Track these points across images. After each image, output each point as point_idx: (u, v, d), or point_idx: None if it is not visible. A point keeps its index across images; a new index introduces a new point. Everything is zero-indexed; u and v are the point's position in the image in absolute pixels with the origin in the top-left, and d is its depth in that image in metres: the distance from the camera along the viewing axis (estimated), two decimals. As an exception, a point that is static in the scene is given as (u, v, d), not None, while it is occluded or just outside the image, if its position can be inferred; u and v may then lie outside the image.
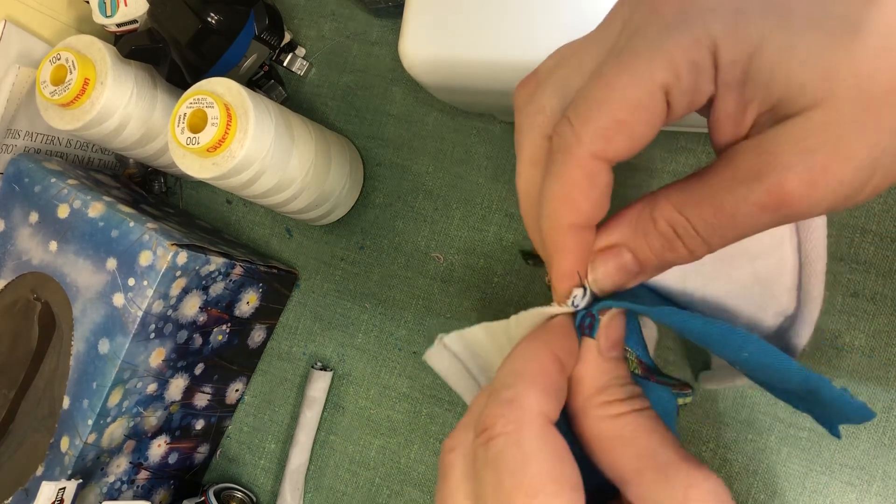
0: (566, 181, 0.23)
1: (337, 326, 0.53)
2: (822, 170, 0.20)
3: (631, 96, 0.21)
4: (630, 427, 0.23)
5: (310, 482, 0.52)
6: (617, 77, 0.22)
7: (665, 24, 0.21)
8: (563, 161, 0.23)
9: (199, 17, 0.47)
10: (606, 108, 0.22)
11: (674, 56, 0.21)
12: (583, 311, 0.25)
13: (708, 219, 0.22)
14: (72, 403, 0.45)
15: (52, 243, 0.47)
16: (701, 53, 0.21)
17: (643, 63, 0.21)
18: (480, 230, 0.50)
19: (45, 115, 0.49)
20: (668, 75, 0.21)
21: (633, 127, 0.22)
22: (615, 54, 0.22)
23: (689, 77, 0.21)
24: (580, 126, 0.22)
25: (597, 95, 0.22)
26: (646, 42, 0.21)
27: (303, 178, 0.48)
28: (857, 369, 0.41)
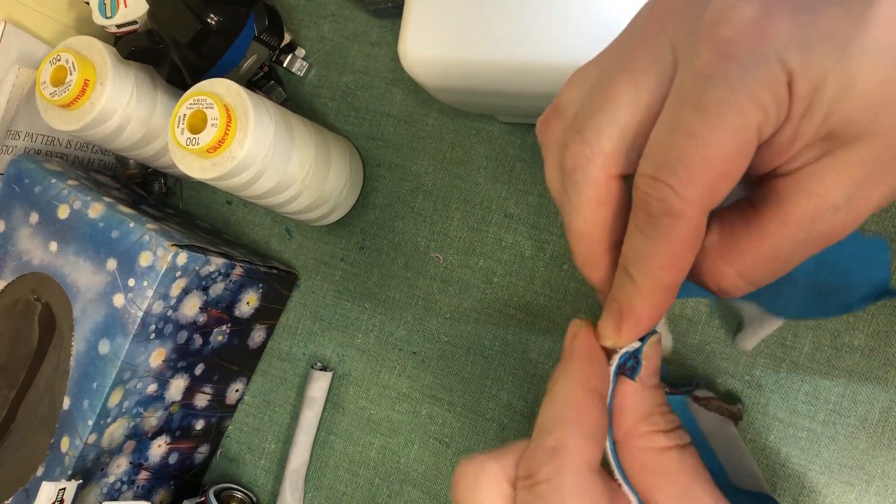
0: (678, 244, 0.22)
1: (337, 326, 0.53)
2: (867, 199, 0.21)
3: (732, 149, 0.21)
4: (673, 465, 0.24)
5: (310, 482, 0.53)
6: (714, 132, 0.21)
7: (741, 65, 0.21)
8: (671, 224, 0.22)
9: (199, 18, 0.47)
10: (709, 166, 0.21)
11: (760, 95, 0.21)
12: (626, 354, 0.25)
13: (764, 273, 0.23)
14: (72, 404, 0.45)
15: (53, 244, 0.47)
16: (782, 88, 0.21)
17: (735, 112, 0.21)
18: (480, 230, 0.50)
19: (46, 116, 0.49)
20: (760, 117, 0.21)
21: (738, 172, 0.22)
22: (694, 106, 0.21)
23: (775, 111, 0.21)
24: (684, 187, 0.22)
25: (694, 154, 0.21)
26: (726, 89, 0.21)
27: (303, 178, 0.48)
28: (856, 369, 0.41)
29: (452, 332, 0.50)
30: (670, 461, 0.24)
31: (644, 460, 0.24)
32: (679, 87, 0.22)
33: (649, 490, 0.24)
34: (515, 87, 0.39)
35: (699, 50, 0.21)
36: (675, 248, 0.23)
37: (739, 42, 0.21)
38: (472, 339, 0.49)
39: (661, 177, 0.22)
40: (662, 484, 0.24)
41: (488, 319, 0.49)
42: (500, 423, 0.48)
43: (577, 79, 0.25)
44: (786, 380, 0.42)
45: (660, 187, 0.22)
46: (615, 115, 0.23)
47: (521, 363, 0.48)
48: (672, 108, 0.22)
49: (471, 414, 0.49)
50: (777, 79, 0.21)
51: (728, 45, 0.21)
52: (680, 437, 0.24)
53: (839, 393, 0.41)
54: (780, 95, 0.21)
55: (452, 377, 0.50)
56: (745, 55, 0.21)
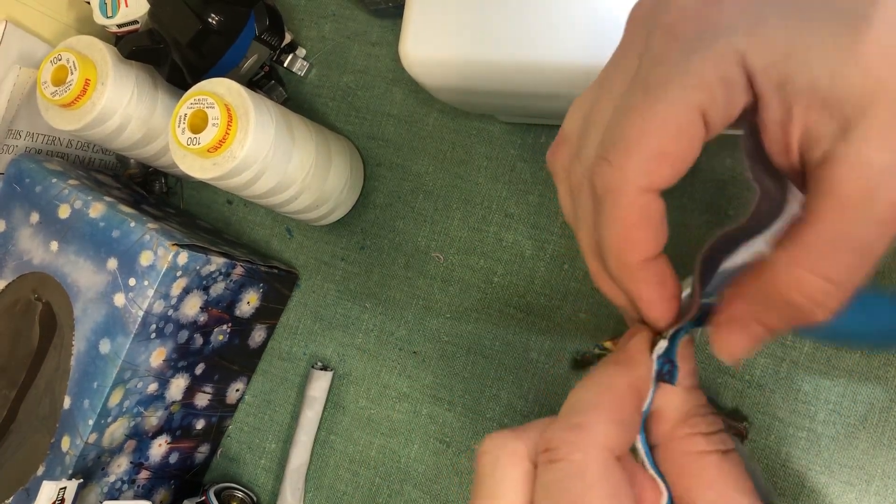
0: (621, 222, 0.23)
1: (337, 326, 0.54)
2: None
3: (670, 124, 0.21)
4: (712, 469, 0.23)
5: (310, 482, 0.53)
6: (651, 107, 0.21)
7: (687, 46, 0.21)
8: (613, 201, 0.22)
9: (200, 18, 0.47)
10: (646, 140, 0.21)
11: (704, 75, 0.21)
12: (662, 358, 0.25)
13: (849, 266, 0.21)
14: (73, 403, 0.46)
15: (53, 243, 0.47)
16: (730, 68, 0.21)
17: (675, 89, 0.21)
18: (480, 230, 0.50)
19: (46, 116, 0.49)
20: (702, 96, 0.21)
21: (676, 154, 0.22)
22: (641, 86, 0.22)
23: (722, 93, 0.21)
24: (621, 162, 0.22)
25: (633, 129, 0.22)
26: (672, 68, 0.21)
27: (303, 178, 0.48)
28: (856, 369, 0.41)
29: (453, 331, 0.50)
30: (710, 466, 0.23)
31: (683, 464, 0.23)
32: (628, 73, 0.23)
33: (686, 493, 0.23)
34: (516, 87, 0.39)
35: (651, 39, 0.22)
36: (621, 225, 0.23)
37: (682, 25, 0.21)
38: (472, 339, 0.49)
39: (602, 154, 0.23)
40: (700, 488, 0.23)
41: (488, 319, 0.49)
42: (501, 423, 0.48)
43: (577, 105, 0.26)
44: (786, 380, 0.42)
45: (599, 164, 0.23)
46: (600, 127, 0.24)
47: (521, 363, 0.48)
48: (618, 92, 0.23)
49: (471, 414, 0.49)
50: (724, 59, 0.21)
51: (673, 30, 0.22)
52: (722, 442, 0.24)
53: (839, 393, 0.41)
54: (729, 76, 0.21)
55: (453, 377, 0.50)
56: (692, 36, 0.21)
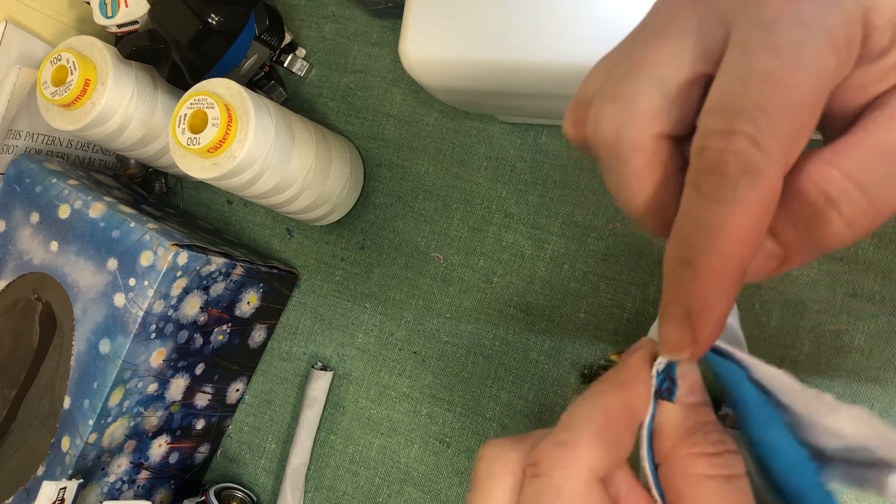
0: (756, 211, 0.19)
1: (337, 326, 0.54)
2: None
3: (813, 93, 0.19)
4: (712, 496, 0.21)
5: (310, 482, 0.53)
6: (792, 75, 0.19)
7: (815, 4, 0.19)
8: (750, 184, 0.19)
9: (200, 18, 0.47)
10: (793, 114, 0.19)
11: (838, 36, 0.19)
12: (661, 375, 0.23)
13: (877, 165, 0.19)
14: (73, 403, 0.46)
15: (53, 243, 0.47)
16: (856, 28, 0.19)
17: (814, 53, 0.19)
18: (480, 230, 0.50)
19: (46, 116, 0.49)
20: (837, 58, 0.19)
21: (812, 126, 0.19)
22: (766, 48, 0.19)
23: (848, 53, 0.19)
24: (768, 141, 0.19)
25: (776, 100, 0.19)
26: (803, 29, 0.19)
27: (303, 178, 0.48)
28: (856, 369, 0.41)
29: (452, 332, 0.50)
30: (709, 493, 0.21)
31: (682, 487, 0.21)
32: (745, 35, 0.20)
33: None
34: (515, 87, 0.39)
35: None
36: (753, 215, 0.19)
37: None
38: (472, 339, 0.49)
39: (739, 127, 0.19)
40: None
41: (488, 319, 0.49)
42: (501, 423, 0.48)
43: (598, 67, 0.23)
44: (786, 380, 0.42)
45: (737, 140, 0.19)
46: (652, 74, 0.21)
47: (521, 363, 0.48)
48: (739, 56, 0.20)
49: (471, 414, 0.49)
50: (852, 18, 0.19)
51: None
52: (727, 465, 0.21)
53: (839, 393, 0.41)
54: (853, 36, 0.19)
55: (452, 377, 0.50)
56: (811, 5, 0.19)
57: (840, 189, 0.19)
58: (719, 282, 0.20)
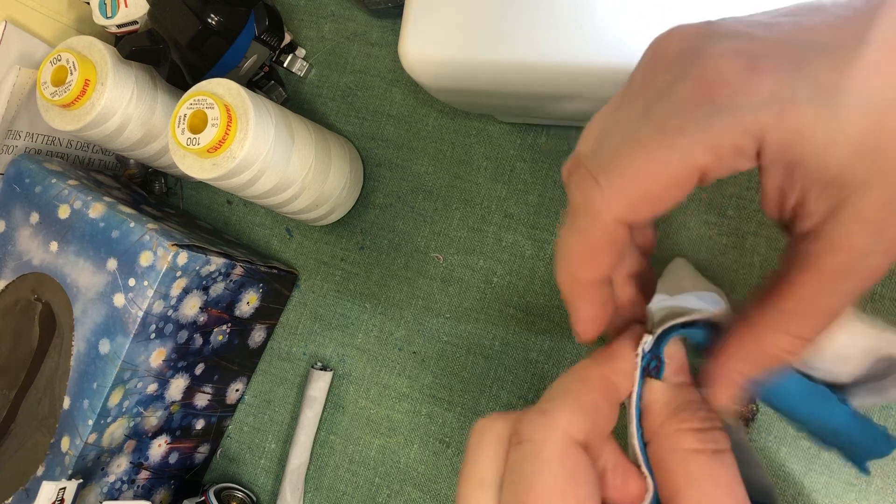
0: (588, 241, 0.23)
1: (337, 326, 0.54)
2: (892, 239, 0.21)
3: (669, 173, 0.22)
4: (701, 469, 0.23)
5: (310, 482, 0.53)
6: (658, 150, 0.22)
7: (715, 107, 0.21)
8: (586, 220, 0.23)
9: (200, 18, 0.47)
10: (641, 179, 0.22)
11: (720, 141, 0.21)
12: (648, 354, 0.26)
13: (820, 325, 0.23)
14: (72, 403, 0.46)
15: (53, 244, 0.47)
16: (746, 140, 0.21)
17: (688, 143, 0.21)
18: (480, 230, 0.50)
19: (46, 116, 0.49)
20: (709, 159, 0.21)
21: (663, 200, 0.22)
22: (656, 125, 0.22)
23: (729, 160, 0.22)
24: (610, 190, 0.23)
25: (633, 164, 0.22)
26: (692, 122, 0.22)
27: (303, 178, 0.48)
28: (856, 369, 0.41)
29: (452, 332, 0.50)
30: (698, 465, 0.23)
31: (670, 461, 0.24)
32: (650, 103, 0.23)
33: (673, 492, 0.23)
34: (515, 87, 0.39)
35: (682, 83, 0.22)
36: (586, 244, 0.23)
37: (721, 87, 0.22)
38: (472, 339, 0.49)
39: (595, 169, 0.23)
40: (686, 488, 0.23)
41: (488, 319, 0.49)
42: (500, 422, 0.48)
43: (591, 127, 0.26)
44: (786, 380, 0.42)
45: (587, 180, 0.23)
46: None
47: (521, 363, 0.48)
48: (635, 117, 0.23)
49: (471, 414, 0.49)
50: (744, 131, 0.21)
51: (709, 88, 0.22)
52: (714, 441, 0.24)
53: (839, 393, 0.41)
54: (742, 148, 0.21)
55: (452, 377, 0.50)
56: (721, 100, 0.21)
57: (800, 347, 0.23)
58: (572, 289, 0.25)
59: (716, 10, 0.33)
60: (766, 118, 0.21)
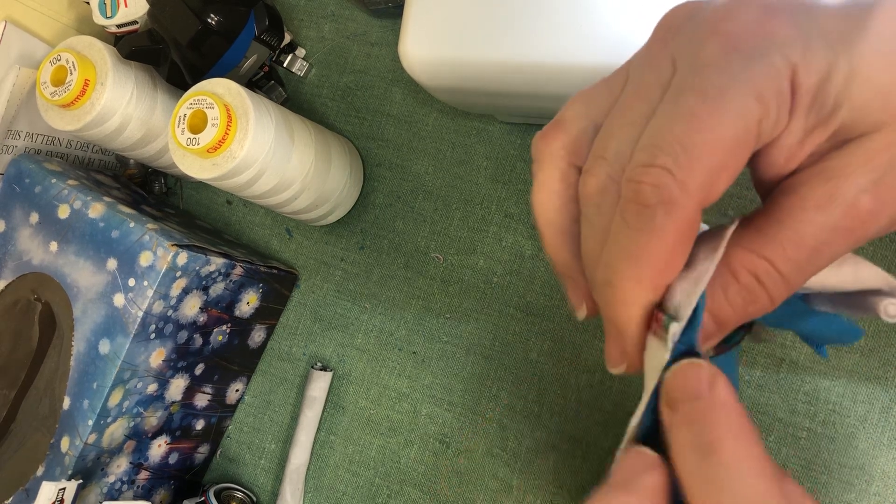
0: (670, 240, 0.21)
1: (337, 326, 0.54)
2: (891, 188, 0.21)
3: (732, 135, 0.20)
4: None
5: (310, 482, 0.53)
6: (712, 116, 0.20)
7: (745, 56, 0.21)
8: (666, 214, 0.21)
9: (199, 18, 0.47)
10: (711, 153, 0.20)
11: (762, 87, 0.20)
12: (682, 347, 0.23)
13: (791, 255, 0.21)
14: (72, 404, 0.45)
15: (53, 244, 0.47)
16: (784, 82, 0.21)
17: (737, 100, 0.20)
18: (480, 230, 0.50)
19: (46, 116, 0.49)
20: (760, 108, 0.20)
21: (734, 167, 0.21)
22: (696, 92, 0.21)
23: (776, 107, 0.21)
24: (685, 174, 0.20)
25: (697, 137, 0.20)
26: (730, 78, 0.21)
27: (303, 178, 0.48)
28: (857, 369, 0.41)
29: (453, 331, 0.50)
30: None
31: None
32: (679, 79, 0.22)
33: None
34: (515, 87, 0.39)
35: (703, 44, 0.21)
36: (669, 242, 0.21)
37: (744, 36, 0.21)
38: (472, 338, 0.49)
39: (659, 161, 0.21)
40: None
41: (488, 319, 0.49)
42: (501, 423, 0.48)
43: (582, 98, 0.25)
44: (786, 380, 0.42)
45: (656, 173, 0.21)
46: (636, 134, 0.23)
47: (521, 363, 0.48)
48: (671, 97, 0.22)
49: (471, 414, 0.49)
50: (779, 73, 0.20)
51: (733, 38, 0.21)
52: None
53: (839, 393, 0.41)
54: (782, 90, 0.21)
55: (452, 377, 0.50)
56: (748, 48, 0.21)
57: (766, 273, 0.22)
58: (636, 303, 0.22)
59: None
60: (794, 56, 0.20)
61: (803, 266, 0.22)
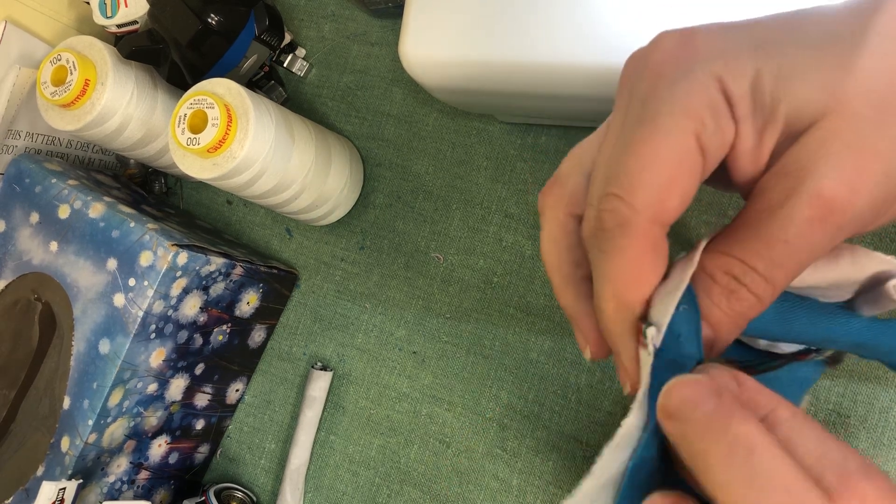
0: (631, 256, 0.22)
1: (337, 326, 0.53)
2: (855, 170, 0.21)
3: (670, 152, 0.22)
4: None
5: (310, 482, 0.53)
6: (649, 139, 0.22)
7: (671, 80, 0.22)
8: (622, 234, 0.22)
9: (200, 18, 0.47)
10: (651, 169, 0.22)
11: (691, 103, 0.22)
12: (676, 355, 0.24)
13: (762, 252, 0.22)
14: (72, 403, 0.45)
15: (53, 244, 0.47)
16: (713, 94, 0.22)
17: (667, 119, 0.22)
18: (480, 230, 0.50)
19: (46, 116, 0.49)
20: (693, 122, 0.22)
21: (682, 182, 0.22)
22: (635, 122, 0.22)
23: (711, 120, 0.22)
24: (630, 194, 0.22)
25: (635, 160, 0.22)
26: (659, 102, 0.22)
27: (303, 178, 0.48)
28: (857, 369, 0.41)
29: (452, 332, 0.50)
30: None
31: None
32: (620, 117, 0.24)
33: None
34: (515, 87, 0.39)
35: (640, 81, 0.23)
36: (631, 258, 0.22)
37: (667, 63, 0.23)
38: (472, 339, 0.49)
39: (610, 189, 0.23)
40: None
41: (488, 319, 0.49)
42: (501, 423, 0.48)
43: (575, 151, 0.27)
44: (786, 380, 0.42)
45: (608, 200, 0.23)
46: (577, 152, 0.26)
47: (521, 363, 0.48)
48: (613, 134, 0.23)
49: (471, 414, 0.49)
50: (704, 86, 0.22)
51: (658, 67, 0.23)
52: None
53: (839, 393, 0.41)
54: (713, 100, 0.22)
55: (452, 377, 0.50)
56: (671, 72, 0.22)
57: (742, 272, 0.23)
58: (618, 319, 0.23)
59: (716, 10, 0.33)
60: (716, 67, 0.22)
61: (782, 261, 0.22)
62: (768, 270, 0.22)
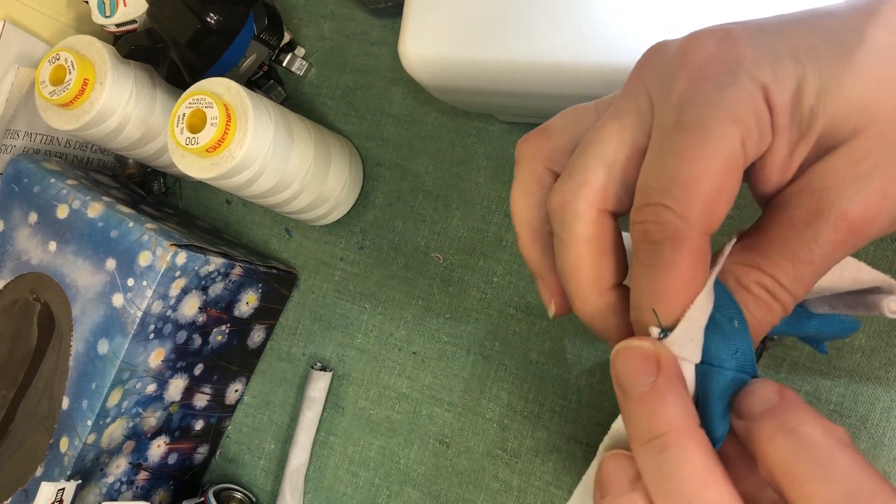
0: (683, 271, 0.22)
1: (336, 326, 0.53)
2: (881, 193, 0.21)
3: (720, 162, 0.21)
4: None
5: (309, 482, 0.52)
6: (699, 149, 0.21)
7: (715, 85, 0.21)
8: (674, 247, 0.22)
9: (199, 18, 0.47)
10: (705, 181, 0.21)
11: (739, 111, 0.21)
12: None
13: (788, 269, 0.22)
14: (71, 404, 0.45)
15: (52, 243, 0.47)
16: (758, 102, 0.21)
17: (717, 126, 0.21)
18: (480, 230, 0.50)
19: (45, 116, 0.49)
20: (740, 130, 0.21)
21: (731, 189, 0.22)
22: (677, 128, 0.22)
23: (755, 126, 0.21)
24: (684, 208, 0.21)
25: (688, 172, 0.21)
26: (706, 107, 0.21)
27: (302, 178, 0.48)
28: (857, 369, 0.41)
29: (452, 331, 0.50)
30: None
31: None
32: (660, 118, 0.23)
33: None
34: (515, 87, 0.39)
35: (674, 80, 0.22)
36: (683, 274, 0.22)
37: (710, 65, 0.22)
38: (472, 339, 0.49)
39: (656, 200, 0.22)
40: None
41: (488, 319, 0.49)
42: (501, 423, 0.48)
43: (572, 109, 0.26)
44: (786, 380, 0.42)
45: (657, 210, 0.22)
46: (600, 151, 0.24)
47: (521, 363, 0.48)
48: (657, 138, 0.23)
49: (471, 414, 0.49)
50: (751, 94, 0.21)
51: (699, 70, 0.22)
52: None
53: (839, 393, 0.41)
54: (759, 109, 0.21)
55: (452, 377, 0.50)
56: (716, 76, 0.22)
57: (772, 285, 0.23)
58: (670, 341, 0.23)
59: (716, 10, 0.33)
60: (762, 76, 0.21)
61: (805, 277, 0.23)
62: (793, 285, 0.23)
